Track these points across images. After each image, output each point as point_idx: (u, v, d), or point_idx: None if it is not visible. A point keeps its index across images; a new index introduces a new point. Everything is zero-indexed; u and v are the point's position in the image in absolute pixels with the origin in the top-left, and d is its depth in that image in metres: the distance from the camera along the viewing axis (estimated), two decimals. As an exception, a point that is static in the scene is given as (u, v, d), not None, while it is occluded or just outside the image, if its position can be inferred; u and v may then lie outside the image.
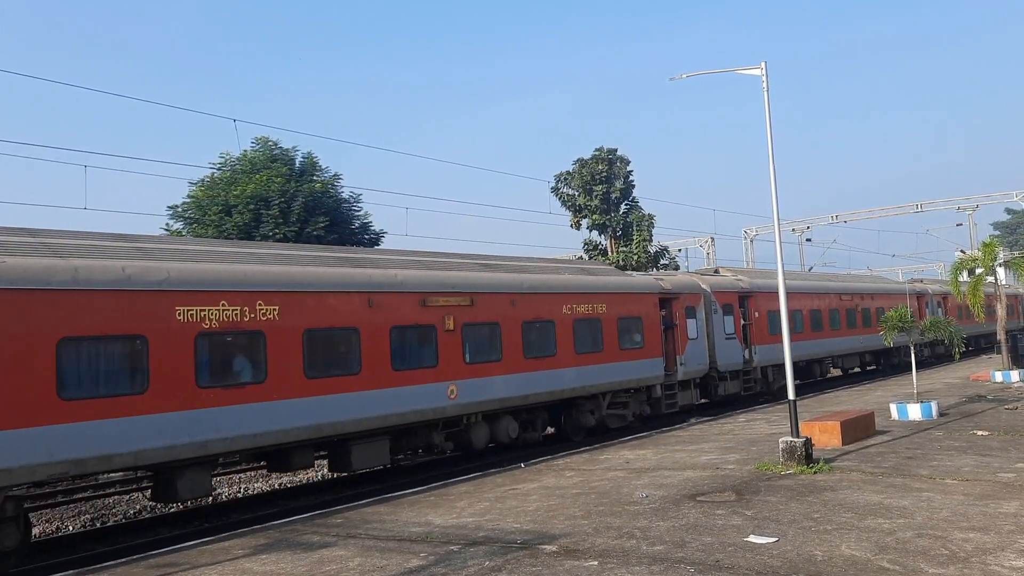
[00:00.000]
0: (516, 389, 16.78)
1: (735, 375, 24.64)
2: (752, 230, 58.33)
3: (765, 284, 26.08)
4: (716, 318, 23.38)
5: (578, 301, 18.59)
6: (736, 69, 14.37)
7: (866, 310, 32.96)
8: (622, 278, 21.06)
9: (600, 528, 9.43)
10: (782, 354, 22.66)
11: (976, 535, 8.20)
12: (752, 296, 25.45)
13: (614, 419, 19.96)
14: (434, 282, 15.50)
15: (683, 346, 22.02)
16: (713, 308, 23.32)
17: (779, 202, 14.17)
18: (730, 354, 24.16)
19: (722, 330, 23.67)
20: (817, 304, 29.29)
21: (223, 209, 28.92)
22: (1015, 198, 50.45)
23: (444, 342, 15.27)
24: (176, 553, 9.88)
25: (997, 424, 16.31)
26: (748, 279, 26.12)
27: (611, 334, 19.38)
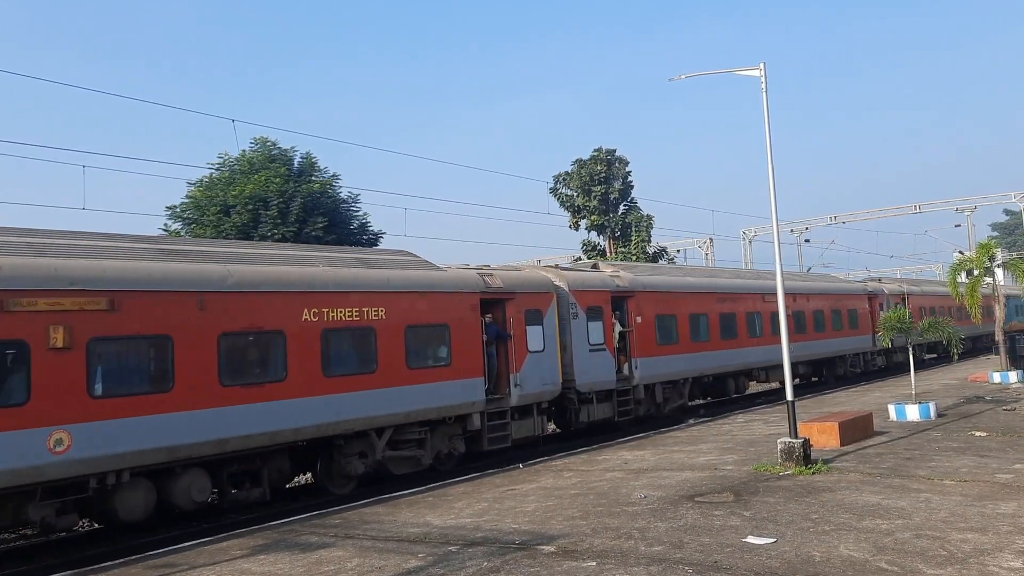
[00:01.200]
0: (202, 431, 11.63)
1: (605, 396, 19.41)
2: (751, 231, 58.36)
3: (652, 282, 21.58)
4: (576, 325, 18.42)
5: (333, 303, 13.51)
6: (735, 70, 14.39)
7: (799, 314, 27.64)
8: (420, 272, 15.58)
9: (598, 529, 9.43)
10: (674, 368, 20.94)
11: (974, 536, 8.21)
12: (633, 297, 20.36)
13: (401, 463, 14.98)
14: (27, 275, 10.23)
15: (520, 362, 16.78)
16: (572, 312, 18.35)
17: (778, 203, 14.18)
18: (597, 369, 18.85)
19: (585, 340, 18.61)
20: (730, 307, 24.32)
21: (221, 209, 28.92)
22: (1013, 199, 50.50)
23: (45, 367, 10.14)
24: (174, 554, 9.87)
25: (995, 425, 16.33)
26: (631, 275, 21.04)
27: (392, 348, 14.21)
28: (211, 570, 8.89)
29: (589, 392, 18.75)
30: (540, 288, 17.95)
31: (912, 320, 19.64)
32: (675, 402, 21.86)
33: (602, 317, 19.24)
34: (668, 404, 21.56)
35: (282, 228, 28.20)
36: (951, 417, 17.87)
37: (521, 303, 17.20)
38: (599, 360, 19.05)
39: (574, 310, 18.52)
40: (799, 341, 26.36)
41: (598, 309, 19.22)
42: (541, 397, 17.49)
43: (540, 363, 17.36)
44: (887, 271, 64.18)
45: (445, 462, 15.82)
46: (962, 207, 50.72)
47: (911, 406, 17.88)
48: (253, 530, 11.00)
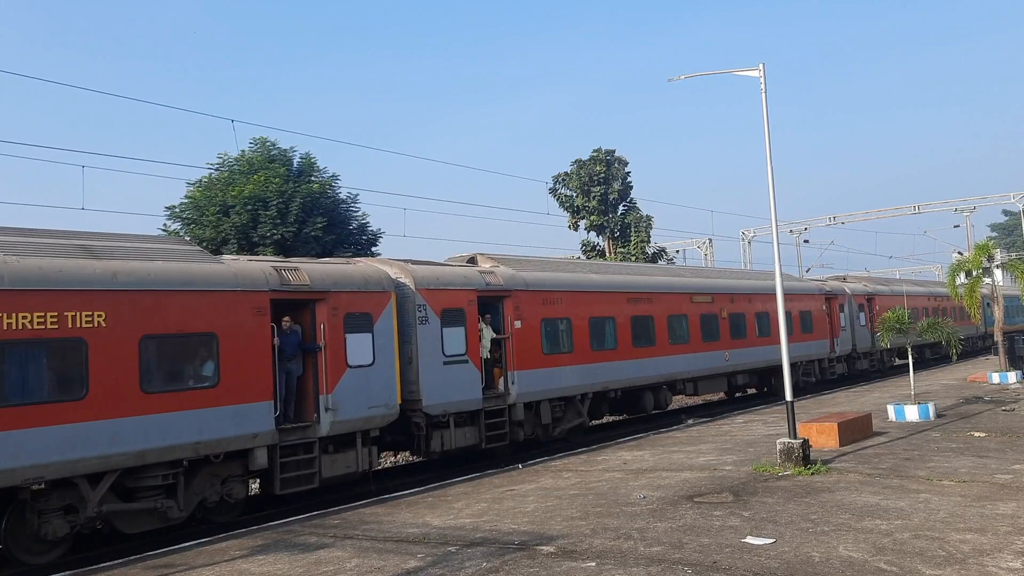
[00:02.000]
0: None
1: (469, 418, 15.92)
2: (750, 231, 58.35)
3: (538, 279, 18.02)
4: (426, 332, 15.10)
5: (9, 306, 9.95)
6: (734, 71, 14.40)
7: (738, 316, 24.56)
8: (173, 266, 11.89)
9: (598, 529, 9.43)
10: (567, 381, 17.96)
11: (973, 536, 8.21)
12: (511, 297, 16.98)
13: (136, 519, 11.42)
14: None
15: (334, 380, 13.39)
16: (420, 315, 15.04)
17: (777, 203, 14.19)
18: (454, 386, 15.47)
19: (437, 350, 15.21)
20: (646, 309, 20.80)
21: (221, 210, 28.90)
22: (1012, 200, 50.50)
23: None
24: (173, 554, 9.87)
25: (994, 425, 16.34)
26: (509, 271, 17.54)
27: (116, 366, 10.75)
28: (210, 570, 8.89)
29: (443, 414, 15.25)
30: (367, 286, 14.26)
31: (912, 321, 19.61)
32: (570, 422, 18.43)
33: (464, 322, 15.79)
34: (560, 425, 18.17)
35: (281, 228, 28.18)
36: (950, 418, 17.88)
37: (339, 305, 13.66)
38: (458, 374, 15.55)
39: (423, 313, 15.11)
40: (737, 347, 24.15)
41: (458, 312, 15.75)
42: (369, 424, 13.94)
43: (367, 380, 13.82)
44: (886, 271, 64.26)
45: (218, 512, 12.47)
46: (961, 208, 50.71)
47: (910, 406, 17.89)
48: (252, 530, 11.00)
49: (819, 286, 30.64)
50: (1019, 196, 49.38)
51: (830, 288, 31.08)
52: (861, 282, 35.68)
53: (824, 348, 29.43)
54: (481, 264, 17.96)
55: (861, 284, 34.91)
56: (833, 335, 29.87)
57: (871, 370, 33.41)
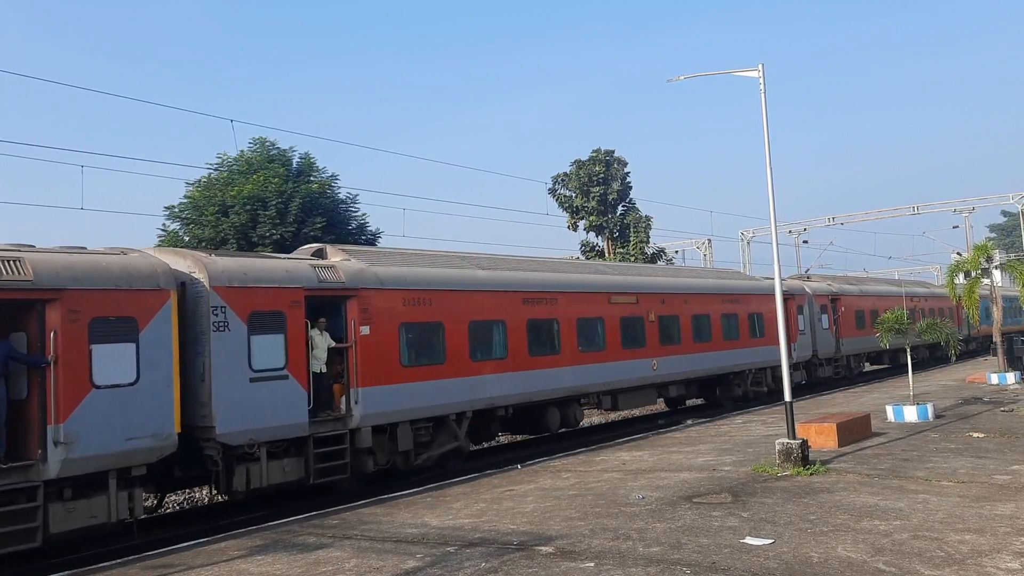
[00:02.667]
0: None
1: (293, 448, 13.07)
2: (749, 232, 58.34)
3: (396, 276, 14.94)
4: (224, 340, 12.11)
5: None
6: (733, 71, 14.42)
7: (670, 319, 21.76)
8: None
9: (596, 529, 9.44)
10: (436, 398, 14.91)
11: (972, 537, 8.22)
12: (356, 297, 14.08)
13: None
14: None
15: (71, 405, 10.42)
16: (217, 320, 12.10)
17: (776, 204, 14.20)
18: (266, 408, 12.51)
19: (243, 363, 12.32)
20: (548, 311, 17.91)
21: (220, 210, 28.90)
22: (1011, 200, 50.53)
23: None
24: (172, 554, 9.87)
25: (993, 426, 16.35)
26: (358, 265, 14.57)
27: None
28: (209, 570, 8.88)
29: (250, 444, 12.22)
30: (131, 282, 11.20)
31: (911, 322, 19.62)
32: (441, 447, 15.52)
33: (284, 328, 12.86)
34: (429, 450, 15.29)
35: (280, 228, 28.18)
36: (949, 418, 17.89)
37: (79, 306, 10.64)
38: (273, 394, 12.56)
39: (221, 317, 12.09)
40: (669, 355, 21.36)
41: (274, 316, 12.81)
42: (127, 460, 10.94)
43: (125, 404, 10.88)
44: (885, 272, 64.31)
45: None
46: (960, 208, 50.72)
47: (909, 407, 17.90)
48: (251, 530, 11.00)
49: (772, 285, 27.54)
50: (1018, 197, 49.41)
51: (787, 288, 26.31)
52: (825, 281, 32.80)
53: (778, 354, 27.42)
54: (331, 257, 14.86)
55: (824, 283, 31.96)
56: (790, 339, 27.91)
57: (835, 377, 30.75)
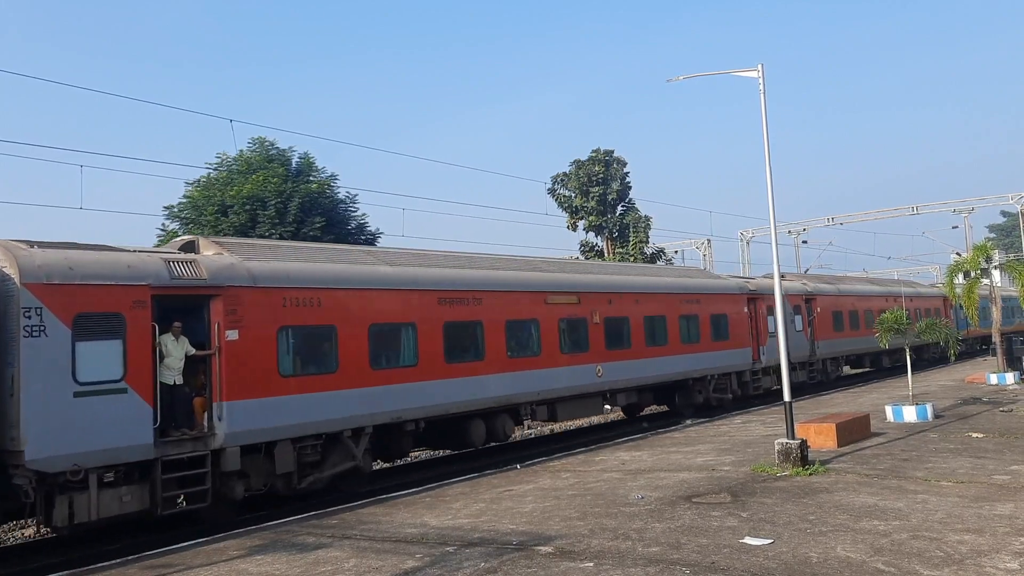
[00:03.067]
0: None
1: (133, 473, 11.30)
2: (748, 232, 58.38)
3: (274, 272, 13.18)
4: (39, 348, 10.44)
5: None
6: (733, 71, 14.41)
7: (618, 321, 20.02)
8: None
9: (596, 529, 9.43)
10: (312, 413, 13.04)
11: (971, 537, 8.22)
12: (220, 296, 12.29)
13: None
14: None
15: None
16: (31, 325, 10.43)
17: (775, 204, 14.20)
18: (95, 428, 10.76)
19: (63, 374, 10.59)
20: (468, 312, 16.08)
21: (219, 209, 28.89)
22: (1011, 200, 50.57)
23: None
24: (171, 554, 9.87)
25: (992, 426, 16.35)
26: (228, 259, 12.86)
27: None
28: (208, 570, 8.88)
29: (75, 470, 10.49)
30: None
31: (910, 322, 19.62)
32: (333, 467, 13.79)
33: (122, 332, 11.15)
34: (319, 471, 13.55)
35: (280, 228, 28.17)
36: (948, 418, 17.89)
37: None
38: (105, 410, 10.80)
39: (35, 320, 10.38)
40: (617, 360, 19.57)
41: (110, 319, 11.10)
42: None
43: None
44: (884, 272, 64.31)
45: None
46: (960, 209, 50.76)
47: (908, 407, 17.90)
48: (250, 530, 10.99)
49: (739, 284, 25.95)
50: (1017, 197, 49.44)
51: (755, 287, 26.25)
52: (799, 280, 30.57)
53: (745, 358, 24.84)
54: (204, 250, 13.23)
55: (798, 283, 29.63)
56: (758, 342, 25.41)
57: (809, 383, 28.53)
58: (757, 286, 26.44)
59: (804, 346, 28.29)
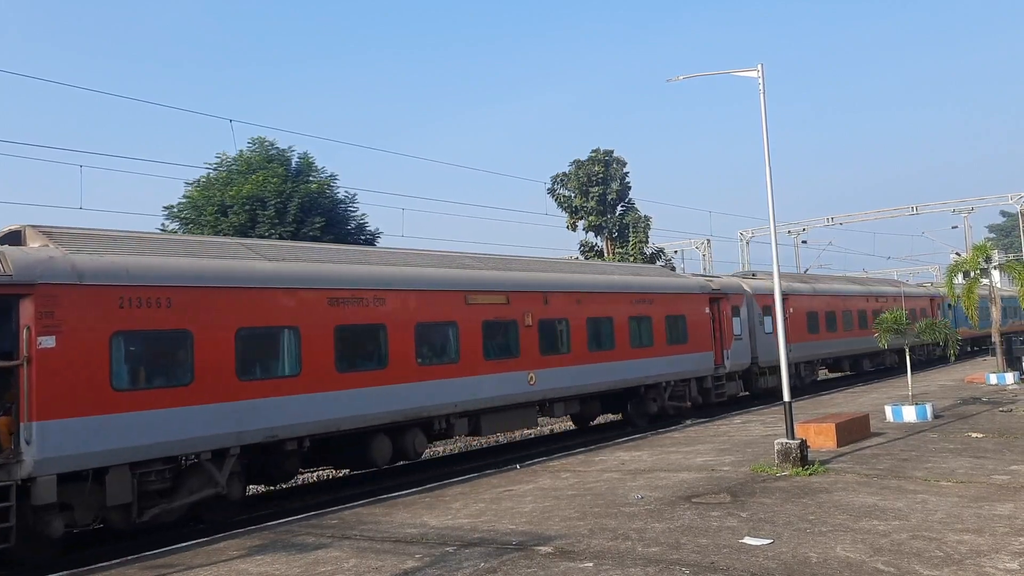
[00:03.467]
0: None
1: None
2: (748, 232, 58.42)
3: (108, 267, 11.22)
4: None
5: None
6: (733, 71, 14.41)
7: (555, 323, 18.17)
8: None
9: (596, 529, 9.44)
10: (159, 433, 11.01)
11: (971, 537, 8.22)
12: (32, 295, 10.30)
13: None
14: None
15: None
16: None
17: (775, 204, 14.20)
18: None
19: None
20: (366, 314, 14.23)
21: (219, 209, 28.92)
22: (1010, 200, 50.59)
23: None
24: (171, 554, 9.86)
25: (992, 426, 16.36)
26: (44, 254, 10.83)
27: None
28: (208, 570, 8.88)
29: None
30: None
31: (909, 323, 19.61)
32: (191, 494, 11.91)
33: None
34: (174, 498, 11.72)
35: (279, 228, 28.19)
36: (948, 418, 17.90)
37: None
38: None
39: None
40: (553, 367, 17.71)
41: None
42: None
43: None
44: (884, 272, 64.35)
45: None
46: (959, 209, 50.79)
47: (908, 407, 17.90)
48: (250, 530, 11.00)
49: (700, 283, 23.95)
50: (1017, 197, 49.47)
51: (719, 286, 24.52)
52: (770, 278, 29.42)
53: (706, 363, 23.00)
54: (30, 241, 11.40)
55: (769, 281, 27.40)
56: (722, 345, 23.79)
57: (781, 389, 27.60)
58: (721, 285, 24.86)
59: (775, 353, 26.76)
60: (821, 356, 30.26)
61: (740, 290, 25.60)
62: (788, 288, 27.01)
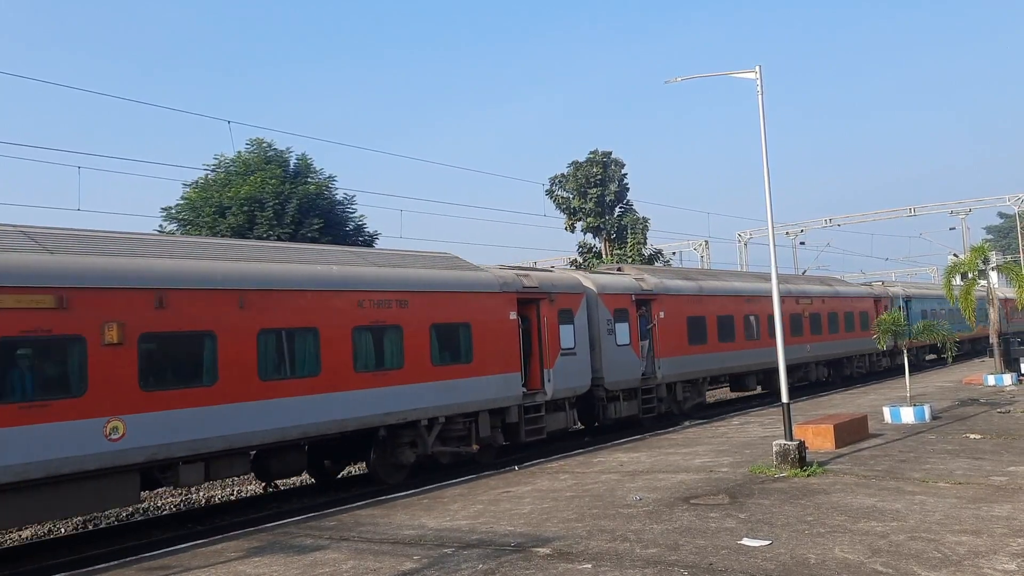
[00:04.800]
0: None
1: None
2: (746, 233, 58.52)
3: None
4: None
5: None
6: (731, 73, 14.43)
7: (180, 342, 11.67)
8: None
9: (594, 531, 9.44)
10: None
11: (969, 538, 8.23)
12: None
13: None
14: None
15: None
16: None
17: (773, 205, 14.20)
18: None
19: None
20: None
21: (217, 211, 28.94)
22: (1008, 202, 50.70)
23: None
24: (169, 556, 9.85)
25: (989, 427, 16.38)
26: None
27: None
28: (205, 572, 8.87)
29: None
30: None
31: (907, 323, 19.64)
32: None
33: None
34: None
35: (278, 229, 28.20)
36: (946, 419, 17.92)
37: None
38: None
39: None
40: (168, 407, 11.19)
41: None
42: None
43: None
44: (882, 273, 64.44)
45: None
46: (957, 210, 50.89)
47: (906, 408, 17.92)
48: (248, 532, 10.99)
49: (501, 279, 16.94)
50: (1014, 199, 49.58)
51: (536, 283, 17.80)
52: (630, 274, 22.20)
53: (510, 389, 16.64)
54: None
55: (628, 277, 21.57)
56: (542, 365, 17.59)
57: (646, 416, 20.62)
58: (542, 281, 18.04)
59: (634, 366, 20.22)
60: (711, 373, 23.78)
61: (576, 288, 18.92)
62: (657, 286, 21.53)
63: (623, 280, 21.12)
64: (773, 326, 16.35)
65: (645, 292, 21.11)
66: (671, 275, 24.07)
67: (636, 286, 21.04)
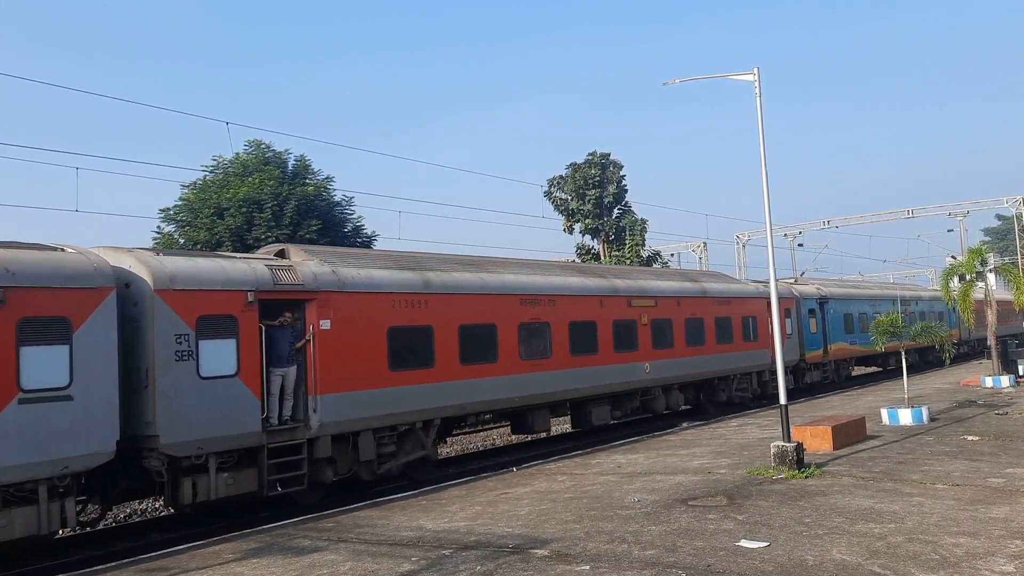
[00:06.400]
0: None
1: None
2: (744, 235, 58.52)
3: None
4: None
5: None
6: (729, 75, 14.44)
7: None
8: None
9: (592, 532, 9.43)
10: None
11: (966, 540, 8.23)
12: None
13: None
14: None
15: None
16: None
17: (771, 207, 14.21)
18: None
19: None
20: None
21: (215, 212, 28.89)
22: (1006, 204, 50.76)
23: None
24: (167, 557, 9.84)
25: (987, 429, 16.39)
26: None
27: None
28: (203, 574, 8.86)
29: None
30: None
31: (905, 324, 19.64)
32: None
33: None
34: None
35: (276, 231, 28.16)
36: (944, 421, 17.93)
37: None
38: None
39: None
40: None
41: None
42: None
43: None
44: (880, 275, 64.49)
45: None
46: (955, 212, 50.93)
47: (904, 410, 17.93)
48: (246, 533, 10.97)
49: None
50: (1012, 201, 49.63)
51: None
52: (265, 258, 13.80)
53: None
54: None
55: (246, 264, 12.75)
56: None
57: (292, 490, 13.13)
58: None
59: (243, 411, 12.06)
60: (442, 413, 15.27)
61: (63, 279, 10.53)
62: (322, 279, 13.40)
63: (231, 267, 12.49)
64: (579, 336, 18.36)
65: (290, 288, 12.98)
66: (368, 261, 15.17)
67: (264, 278, 12.61)
